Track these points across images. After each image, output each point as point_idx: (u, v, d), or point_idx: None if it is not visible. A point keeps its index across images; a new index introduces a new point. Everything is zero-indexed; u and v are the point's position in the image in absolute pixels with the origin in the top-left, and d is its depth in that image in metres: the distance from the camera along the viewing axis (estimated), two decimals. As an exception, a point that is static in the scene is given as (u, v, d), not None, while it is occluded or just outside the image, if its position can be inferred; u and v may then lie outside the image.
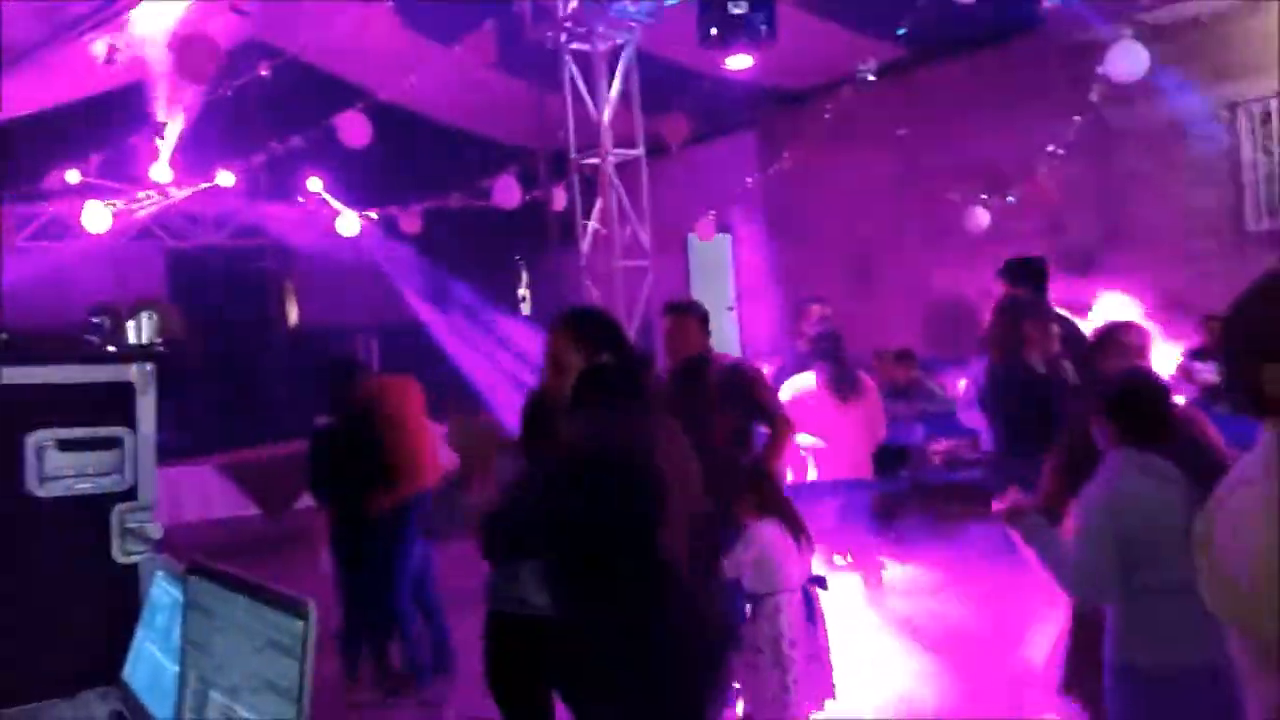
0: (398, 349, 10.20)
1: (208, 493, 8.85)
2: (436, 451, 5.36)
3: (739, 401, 4.09)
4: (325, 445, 5.17)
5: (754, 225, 10.73)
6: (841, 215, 9.80)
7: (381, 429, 4.95)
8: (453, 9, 6.89)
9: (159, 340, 2.41)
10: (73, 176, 8.62)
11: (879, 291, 9.07)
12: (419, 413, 5.23)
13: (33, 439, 2.21)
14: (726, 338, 10.58)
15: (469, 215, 9.77)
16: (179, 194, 8.97)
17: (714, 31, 5.56)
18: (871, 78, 8.23)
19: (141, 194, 8.67)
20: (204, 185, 8.76)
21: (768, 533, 3.75)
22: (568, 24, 6.52)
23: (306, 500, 8.96)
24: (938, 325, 8.80)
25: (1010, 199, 8.31)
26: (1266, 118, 7.75)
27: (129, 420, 2.32)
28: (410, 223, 9.79)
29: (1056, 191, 8.22)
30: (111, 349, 2.32)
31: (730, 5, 5.34)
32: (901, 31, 7.60)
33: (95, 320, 2.51)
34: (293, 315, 11.81)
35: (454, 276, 11.05)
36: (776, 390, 4.83)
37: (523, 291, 12.74)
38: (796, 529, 3.80)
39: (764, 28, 5.60)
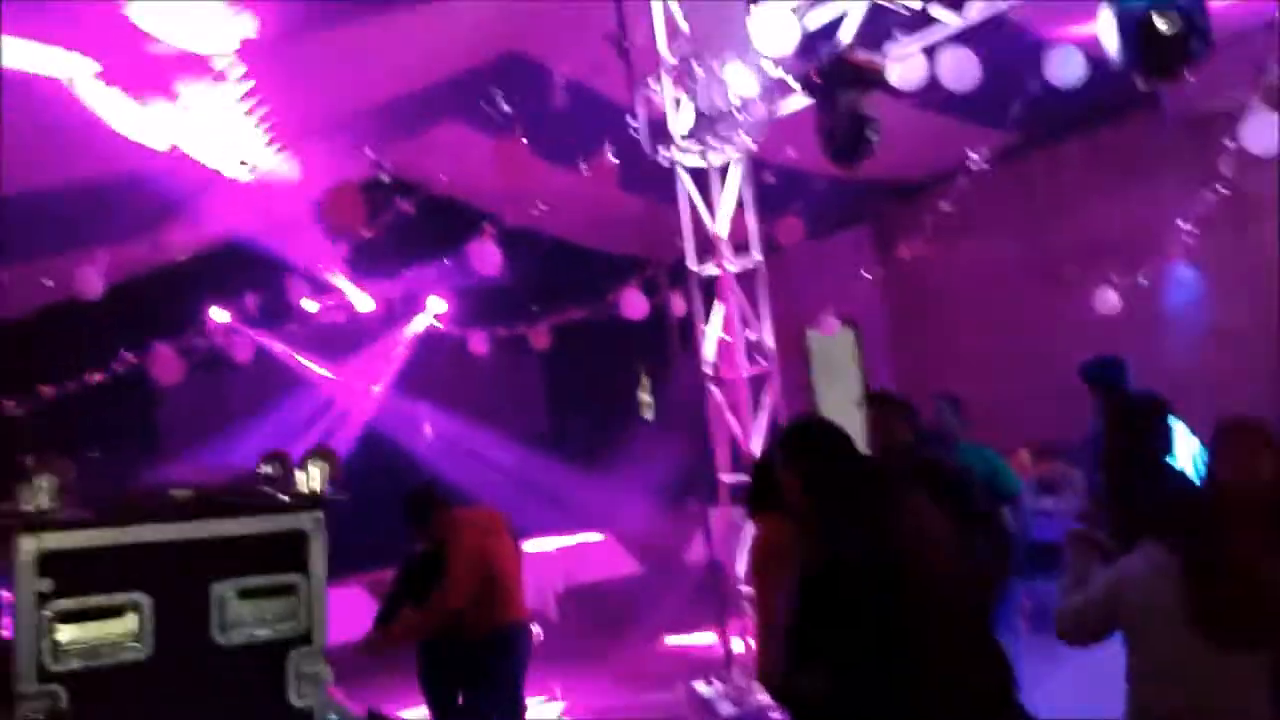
0: (526, 469, 10.45)
1: (355, 614, 9.07)
2: (517, 586, 5.22)
3: (946, 503, 3.88)
4: (405, 578, 5.21)
5: (877, 320, 10.65)
6: (967, 305, 9.66)
7: (455, 563, 4.87)
8: (574, 134, 7.22)
9: (327, 488, 2.54)
10: (220, 316, 9.24)
11: (1012, 381, 8.82)
12: (498, 545, 5.14)
13: (217, 589, 2.35)
14: (855, 437, 10.42)
15: (591, 328, 10.01)
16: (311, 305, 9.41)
17: (842, 152, 5.72)
18: (985, 166, 8.20)
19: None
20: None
21: None
22: (680, 143, 6.73)
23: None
24: (1075, 412, 8.48)
25: (1142, 280, 8.09)
26: None
27: (303, 566, 2.45)
28: (540, 339, 10.10)
29: (1193, 267, 7.96)
30: (286, 499, 2.46)
31: (868, 131, 5.50)
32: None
33: (266, 468, 2.67)
34: (428, 432, 12.16)
35: (578, 389, 11.27)
36: None
37: (645, 398, 12.86)
38: None
39: (876, 138, 5.74)
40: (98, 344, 8.58)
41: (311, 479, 2.52)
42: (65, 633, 2.19)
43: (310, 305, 9.09)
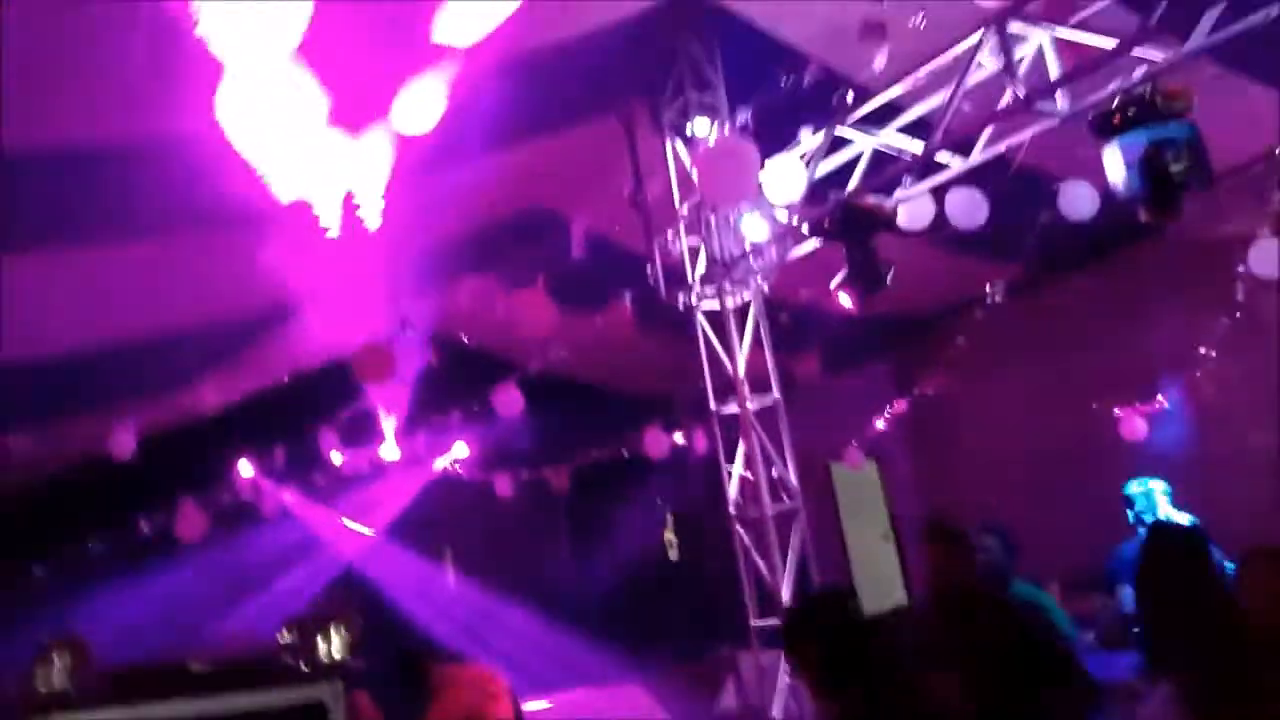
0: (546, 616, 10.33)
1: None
2: None
3: (1025, 654, 3.68)
4: None
5: (901, 452, 10.59)
6: (989, 436, 9.60)
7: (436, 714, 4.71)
8: (594, 283, 7.41)
9: (348, 655, 2.52)
10: (246, 470, 9.30)
11: (1038, 513, 8.68)
12: (492, 708, 4.99)
13: (233, 771, 2.29)
14: (884, 572, 10.27)
15: (615, 469, 10.04)
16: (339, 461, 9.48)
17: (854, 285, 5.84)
18: (998, 299, 8.29)
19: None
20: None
21: None
22: (696, 288, 6.89)
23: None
24: (1102, 540, 8.33)
25: (1164, 404, 8.06)
26: None
27: (321, 741, 2.40)
28: (560, 481, 10.14)
29: (1215, 391, 7.93)
30: (304, 668, 2.43)
31: (883, 271, 5.64)
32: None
33: (287, 638, 2.65)
34: (449, 581, 12.05)
35: (601, 531, 11.20)
36: None
37: (670, 538, 12.72)
38: None
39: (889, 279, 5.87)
40: (121, 501, 8.64)
41: (333, 647, 2.49)
42: (83, 816, 2.14)
43: (337, 458, 9.19)
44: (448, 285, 7.79)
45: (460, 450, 10.49)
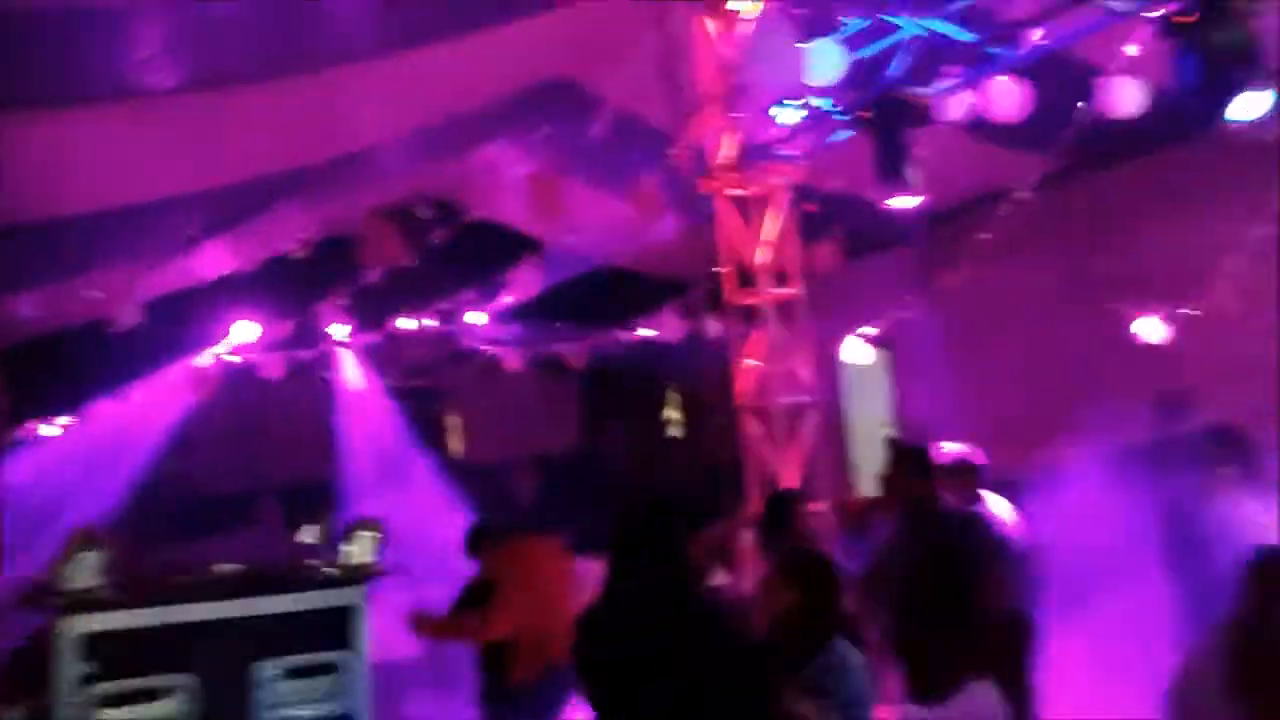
0: (555, 479, 10.40)
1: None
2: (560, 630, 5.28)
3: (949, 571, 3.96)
4: (464, 599, 5.31)
5: (914, 344, 10.49)
6: (1008, 332, 9.44)
7: (499, 603, 4.95)
8: (617, 160, 7.16)
9: (376, 558, 2.47)
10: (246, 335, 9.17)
11: (1055, 412, 8.63)
12: (548, 577, 5.21)
13: (261, 670, 2.28)
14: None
15: (627, 349, 9.98)
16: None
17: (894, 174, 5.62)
18: (1029, 193, 8.03)
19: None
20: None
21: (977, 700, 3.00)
22: (722, 172, 6.64)
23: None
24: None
25: (1191, 311, 7.89)
26: None
27: (349, 643, 2.38)
28: (576, 360, 10.14)
29: (1238, 302, 7.76)
30: (335, 573, 2.39)
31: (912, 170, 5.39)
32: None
33: (308, 537, 2.60)
34: (455, 447, 12.14)
35: (609, 407, 11.23)
36: None
37: (673, 415, 12.77)
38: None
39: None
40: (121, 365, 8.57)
41: (360, 551, 2.45)
42: (107, 717, 2.13)
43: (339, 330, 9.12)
44: (464, 158, 7.54)
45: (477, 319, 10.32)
